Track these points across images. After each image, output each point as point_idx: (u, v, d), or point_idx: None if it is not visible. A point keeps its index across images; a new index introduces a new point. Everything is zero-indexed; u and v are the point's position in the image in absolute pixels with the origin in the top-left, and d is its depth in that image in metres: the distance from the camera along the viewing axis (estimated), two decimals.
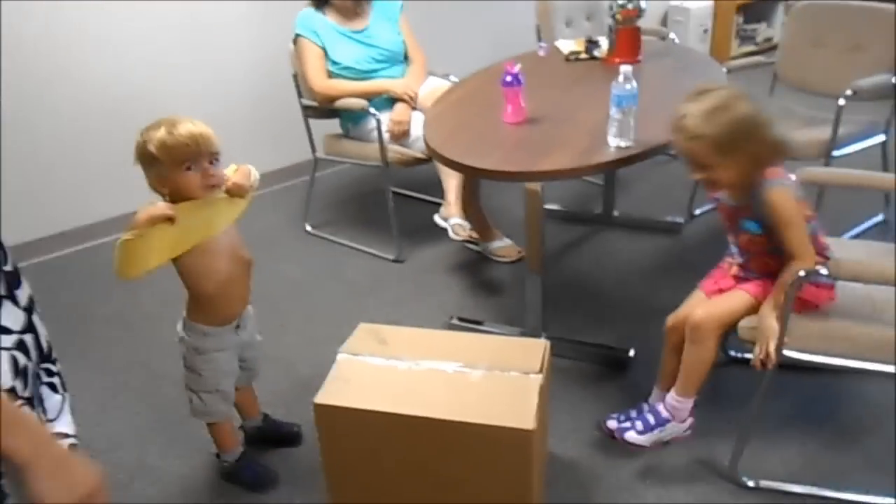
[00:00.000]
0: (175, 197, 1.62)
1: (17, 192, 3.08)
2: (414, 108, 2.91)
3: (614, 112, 1.99)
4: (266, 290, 2.86)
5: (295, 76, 2.99)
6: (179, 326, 1.82)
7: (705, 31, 4.83)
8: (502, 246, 2.92)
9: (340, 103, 2.90)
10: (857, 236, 2.79)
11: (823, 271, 1.58)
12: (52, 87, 3.05)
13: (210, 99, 3.39)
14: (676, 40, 3.42)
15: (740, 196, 1.73)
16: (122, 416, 2.27)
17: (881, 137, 2.75)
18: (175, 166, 1.58)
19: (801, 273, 1.61)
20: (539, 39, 3.39)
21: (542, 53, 2.94)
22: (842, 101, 2.53)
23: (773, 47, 4.96)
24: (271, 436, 2.09)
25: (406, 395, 1.64)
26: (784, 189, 1.66)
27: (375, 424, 1.62)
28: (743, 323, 1.75)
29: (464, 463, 1.60)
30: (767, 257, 1.76)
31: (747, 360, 1.72)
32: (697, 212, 3.11)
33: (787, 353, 1.69)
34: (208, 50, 3.36)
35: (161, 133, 1.57)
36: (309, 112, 3.04)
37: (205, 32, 3.32)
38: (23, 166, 3.07)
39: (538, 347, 1.74)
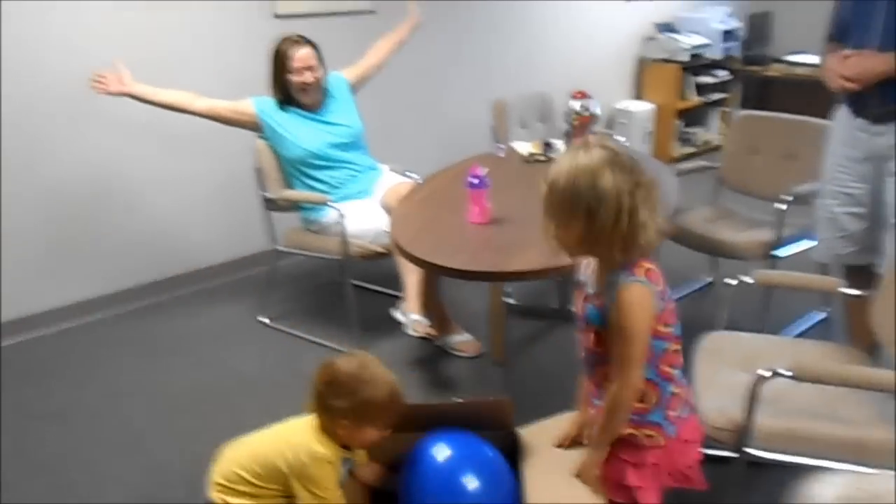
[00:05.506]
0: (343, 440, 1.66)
1: None
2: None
3: None
4: (220, 386, 2.79)
5: (257, 170, 3.02)
6: None
7: (648, 133, 5.10)
8: (462, 340, 2.93)
9: (299, 197, 2.97)
10: (801, 334, 2.91)
11: (787, 373, 1.63)
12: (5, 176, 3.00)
13: (172, 187, 3.39)
14: (626, 143, 3.62)
15: (598, 281, 1.50)
16: None
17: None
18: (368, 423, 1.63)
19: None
20: (495, 139, 3.52)
21: (500, 154, 3.06)
22: (783, 206, 2.70)
23: (712, 149, 5.30)
24: None
25: None
26: (640, 290, 1.40)
27: None
28: (715, 424, 1.77)
29: None
30: (607, 367, 1.49)
31: (713, 456, 1.74)
32: None
33: (748, 450, 1.73)
34: (173, 140, 3.37)
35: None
36: (269, 204, 3.05)
37: (170, 124, 3.34)
38: None
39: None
